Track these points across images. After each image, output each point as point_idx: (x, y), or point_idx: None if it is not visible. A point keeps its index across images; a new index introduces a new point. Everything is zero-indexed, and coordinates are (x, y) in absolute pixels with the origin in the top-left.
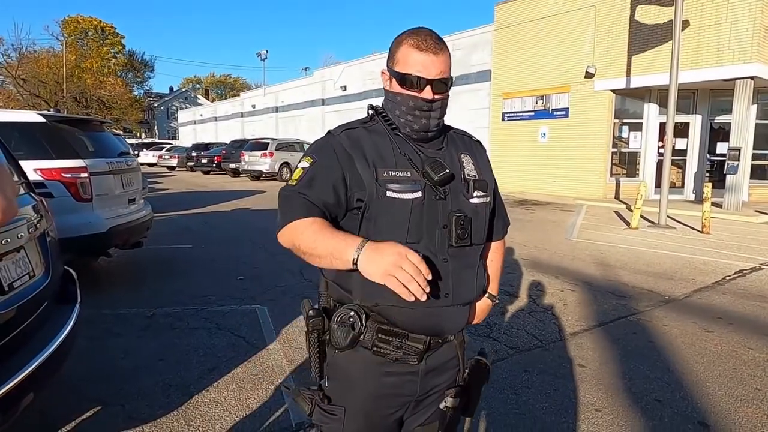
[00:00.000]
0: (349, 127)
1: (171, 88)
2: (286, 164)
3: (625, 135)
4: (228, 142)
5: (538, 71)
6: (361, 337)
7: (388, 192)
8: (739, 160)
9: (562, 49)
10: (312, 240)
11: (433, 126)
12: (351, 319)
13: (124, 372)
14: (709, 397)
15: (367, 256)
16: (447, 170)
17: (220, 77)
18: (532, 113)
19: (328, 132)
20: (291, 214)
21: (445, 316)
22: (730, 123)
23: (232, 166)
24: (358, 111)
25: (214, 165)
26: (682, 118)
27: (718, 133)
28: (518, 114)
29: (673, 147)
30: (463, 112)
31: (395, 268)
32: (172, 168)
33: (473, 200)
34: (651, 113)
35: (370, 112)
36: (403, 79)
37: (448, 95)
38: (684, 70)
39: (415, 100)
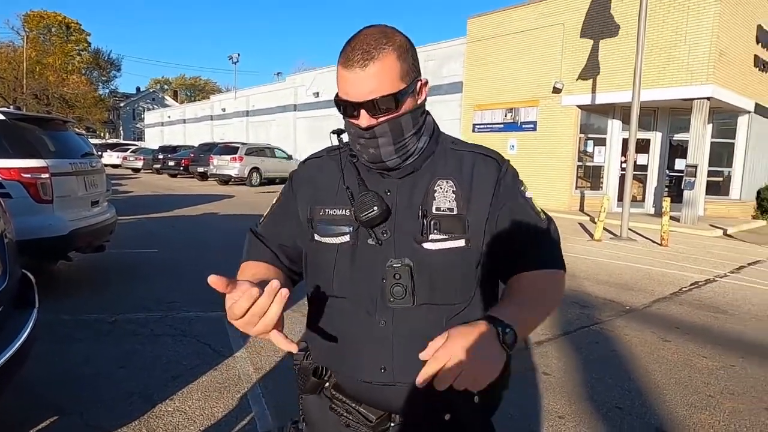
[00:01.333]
0: (315, 155)
1: (138, 89)
2: (255, 169)
3: (590, 149)
4: (196, 145)
5: (508, 84)
6: (326, 384)
7: (315, 235)
8: (695, 177)
9: (532, 63)
10: None
11: (387, 156)
12: (314, 364)
13: (85, 379)
14: (666, 404)
15: None
16: (374, 208)
17: (190, 79)
18: (502, 125)
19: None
20: (243, 256)
21: (390, 395)
22: (687, 140)
23: (200, 169)
24: (330, 118)
25: (181, 168)
26: (643, 135)
27: (676, 150)
28: (488, 126)
29: (635, 162)
30: (439, 122)
31: (229, 312)
32: (137, 170)
33: (428, 245)
34: (614, 129)
35: (337, 137)
36: (336, 105)
37: (405, 114)
38: (645, 89)
39: (354, 128)
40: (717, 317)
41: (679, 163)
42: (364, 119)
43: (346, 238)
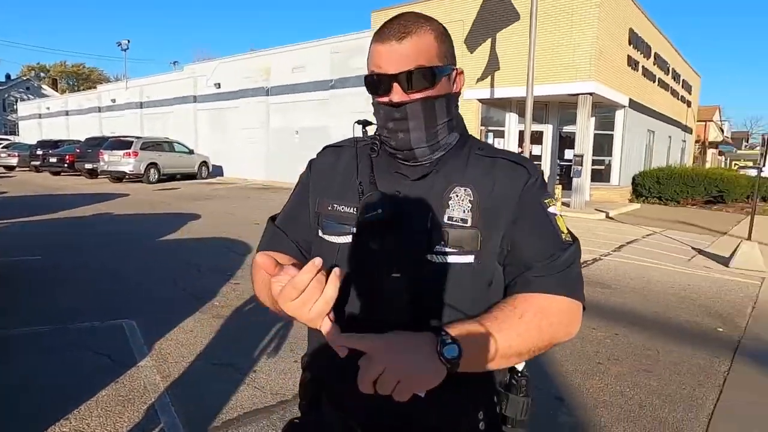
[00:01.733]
0: (336, 144)
1: (8, 76)
2: (153, 165)
3: (490, 141)
4: (83, 139)
5: None
6: (323, 398)
7: (320, 231)
8: (582, 165)
9: None
10: (254, 279)
11: (417, 142)
12: (314, 374)
13: None
14: (563, 374)
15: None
16: (379, 210)
17: (72, 67)
18: None
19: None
20: (261, 245)
21: (383, 417)
22: (575, 132)
23: (89, 166)
24: (233, 110)
25: (65, 165)
26: (537, 127)
27: (565, 141)
28: None
29: (531, 153)
30: (347, 114)
31: (285, 290)
32: (11, 168)
33: (432, 257)
34: (512, 122)
35: (362, 128)
36: (366, 84)
37: (439, 97)
38: (537, 85)
39: (384, 107)
40: (603, 292)
41: (568, 153)
42: (397, 94)
43: (349, 238)
